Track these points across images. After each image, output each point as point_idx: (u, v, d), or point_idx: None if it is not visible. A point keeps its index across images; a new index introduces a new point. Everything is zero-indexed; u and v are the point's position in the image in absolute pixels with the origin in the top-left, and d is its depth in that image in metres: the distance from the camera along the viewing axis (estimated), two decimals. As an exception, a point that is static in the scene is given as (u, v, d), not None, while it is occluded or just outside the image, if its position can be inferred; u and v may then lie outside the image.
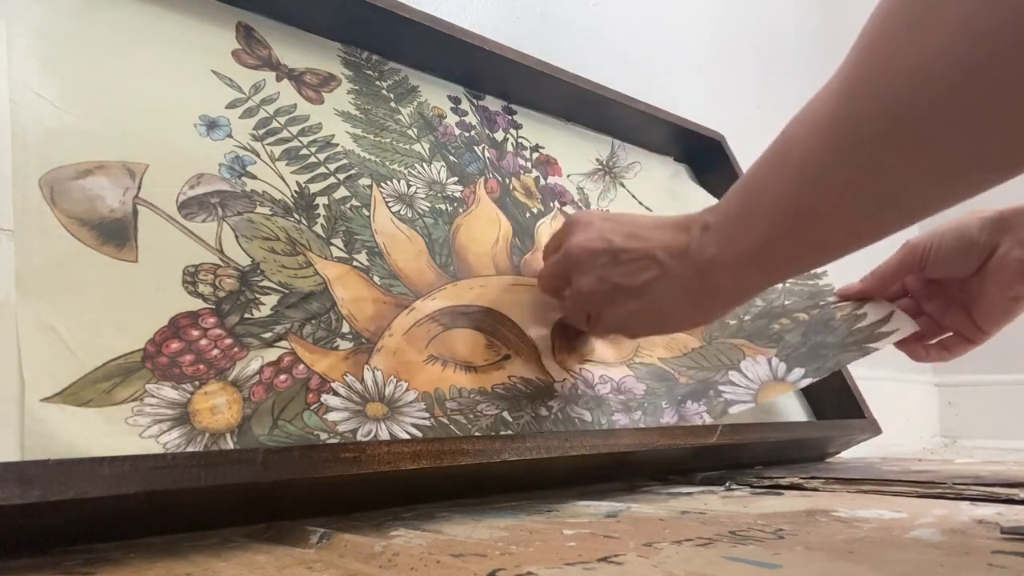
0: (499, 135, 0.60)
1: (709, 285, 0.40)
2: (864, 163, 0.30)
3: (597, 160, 0.68)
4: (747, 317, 0.60)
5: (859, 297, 0.57)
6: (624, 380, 0.54)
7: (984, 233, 0.49)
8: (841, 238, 0.35)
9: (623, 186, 0.69)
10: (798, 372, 0.56)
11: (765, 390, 0.56)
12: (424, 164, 0.53)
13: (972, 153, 0.28)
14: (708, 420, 0.50)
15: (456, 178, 0.54)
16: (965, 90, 0.26)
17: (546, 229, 0.58)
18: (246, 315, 0.38)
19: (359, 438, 0.38)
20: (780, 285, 0.60)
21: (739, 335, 0.59)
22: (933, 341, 0.57)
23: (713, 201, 0.77)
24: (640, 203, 0.69)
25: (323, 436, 0.37)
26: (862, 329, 0.54)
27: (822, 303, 0.58)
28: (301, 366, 0.39)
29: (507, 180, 0.58)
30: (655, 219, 0.44)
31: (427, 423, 0.41)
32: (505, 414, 0.44)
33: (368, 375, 0.41)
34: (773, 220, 0.35)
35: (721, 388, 0.56)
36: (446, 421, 0.42)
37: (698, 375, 0.57)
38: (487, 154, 0.58)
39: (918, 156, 0.29)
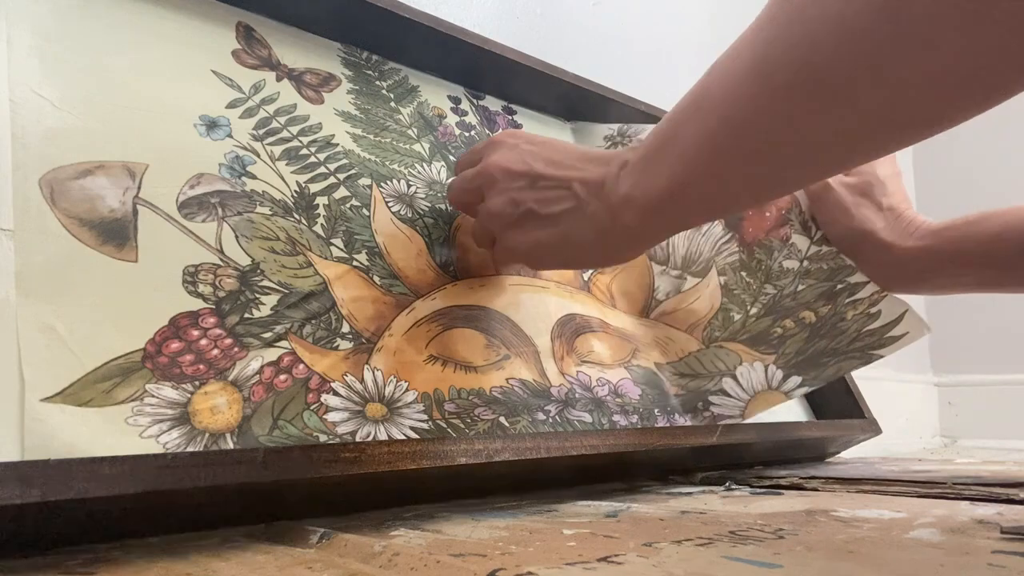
0: (499, 135, 0.60)
1: (619, 224, 0.39)
2: (779, 111, 0.30)
3: (605, 138, 0.67)
4: (753, 310, 0.58)
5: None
6: (621, 383, 0.54)
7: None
8: (754, 187, 0.35)
9: None
10: (794, 380, 0.55)
11: (754, 403, 0.56)
12: (424, 164, 0.53)
13: (888, 103, 0.27)
14: None
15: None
16: (882, 34, 0.25)
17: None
18: (246, 315, 0.38)
19: (357, 440, 0.38)
20: (796, 264, 0.58)
21: (740, 336, 0.58)
22: None
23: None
24: None
25: (322, 438, 0.37)
26: (872, 332, 0.53)
27: (840, 285, 0.56)
28: (301, 366, 0.39)
29: (507, 180, 0.58)
30: (582, 150, 0.43)
31: (425, 427, 0.41)
32: (502, 419, 0.44)
33: (368, 375, 0.41)
34: (686, 162, 0.35)
35: (711, 399, 0.56)
36: (444, 425, 0.42)
37: (691, 384, 0.57)
38: (487, 154, 0.58)
39: (833, 105, 0.28)
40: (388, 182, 0.50)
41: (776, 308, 0.58)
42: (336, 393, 0.39)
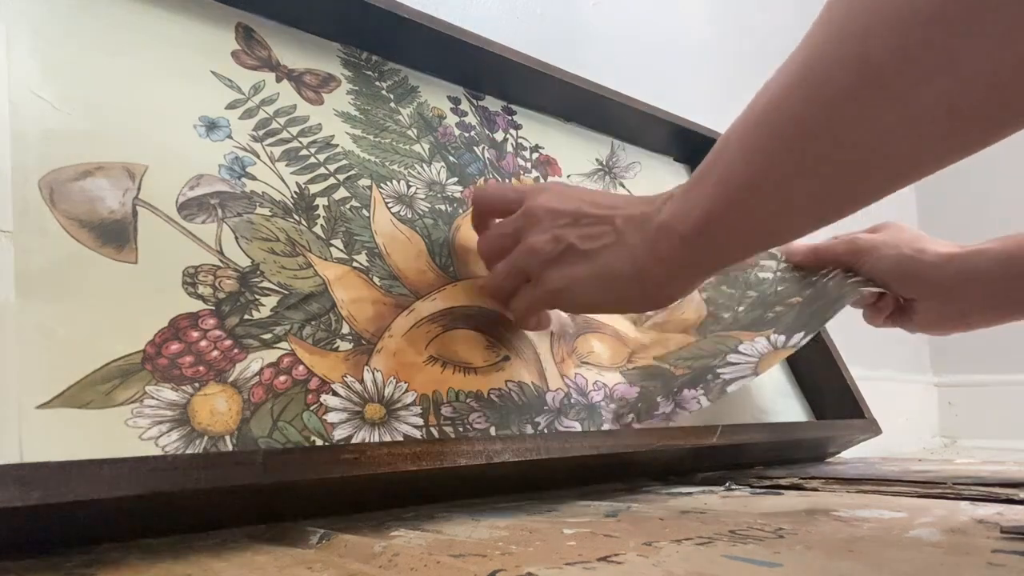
0: (499, 135, 0.60)
1: (658, 257, 0.38)
2: (836, 112, 0.29)
3: (597, 160, 0.68)
4: (740, 308, 0.59)
5: (806, 258, 0.58)
6: (617, 387, 0.54)
7: (926, 269, 0.51)
8: (808, 204, 0.33)
9: (623, 186, 0.69)
10: (798, 336, 0.54)
11: (765, 360, 0.55)
12: (424, 165, 0.53)
13: (950, 104, 0.26)
14: (705, 403, 0.50)
15: (456, 178, 0.54)
16: (954, 20, 0.24)
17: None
18: (246, 316, 0.38)
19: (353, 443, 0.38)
20: (771, 274, 0.59)
21: (734, 328, 0.57)
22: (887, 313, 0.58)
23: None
24: None
25: (319, 442, 0.37)
26: (855, 281, 0.55)
27: (814, 278, 0.57)
28: (301, 367, 0.39)
29: (507, 180, 0.58)
30: (627, 196, 0.44)
31: (418, 434, 0.41)
32: (492, 430, 0.44)
33: (368, 376, 0.41)
34: (728, 182, 0.33)
35: (720, 371, 0.55)
36: (436, 433, 0.42)
37: (695, 364, 0.56)
38: (487, 154, 0.58)
39: (887, 111, 0.27)
40: (388, 183, 0.50)
41: (763, 302, 0.59)
42: (336, 394, 0.39)
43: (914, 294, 0.54)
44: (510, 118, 0.63)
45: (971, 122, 0.27)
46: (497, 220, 0.49)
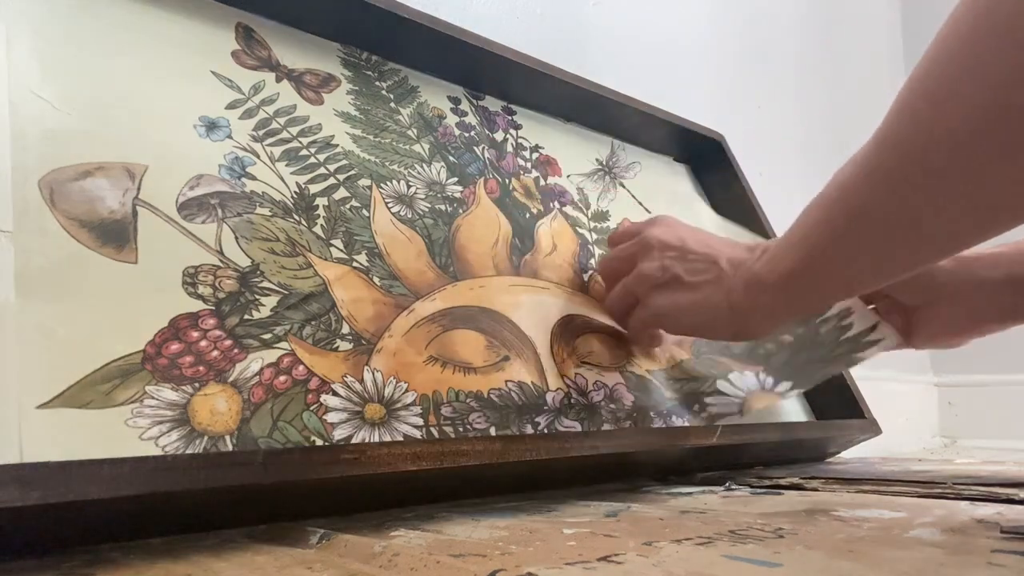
0: (499, 135, 0.60)
1: (749, 299, 0.44)
2: (898, 207, 0.33)
3: (597, 160, 0.68)
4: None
5: None
6: (616, 387, 0.54)
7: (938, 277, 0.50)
8: (874, 271, 0.38)
9: (623, 186, 0.69)
10: (785, 385, 0.57)
11: (752, 400, 0.57)
12: (424, 165, 0.53)
13: (1009, 200, 0.30)
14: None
15: (456, 178, 0.54)
16: (1003, 138, 0.28)
17: (546, 229, 0.58)
18: (246, 316, 0.38)
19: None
20: None
21: (725, 354, 0.59)
22: None
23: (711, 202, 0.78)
24: (640, 203, 0.69)
25: (319, 442, 0.37)
26: (849, 340, 0.54)
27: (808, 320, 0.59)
28: (301, 367, 0.39)
29: (507, 180, 0.58)
30: (730, 241, 0.48)
31: (418, 434, 0.41)
32: (492, 430, 0.44)
33: (368, 376, 0.41)
34: (810, 248, 0.39)
35: (707, 400, 0.56)
36: (436, 433, 0.42)
37: (684, 387, 0.57)
38: (487, 154, 0.58)
39: (950, 204, 0.32)
40: (388, 183, 0.50)
41: None
42: (336, 394, 0.39)
43: (920, 300, 0.51)
44: (510, 118, 0.63)
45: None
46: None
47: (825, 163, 0.58)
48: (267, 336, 0.39)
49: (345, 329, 0.42)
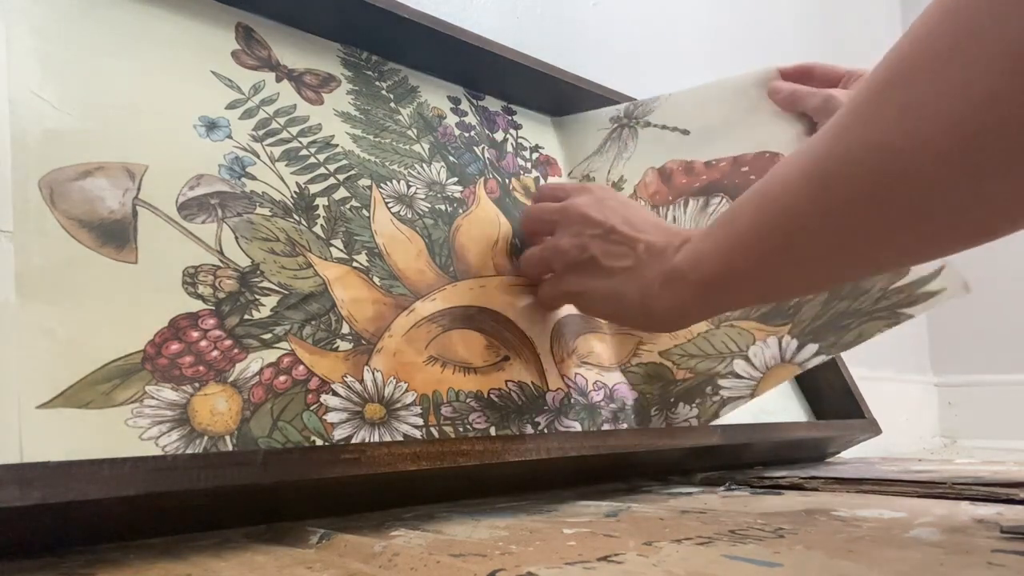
0: (499, 135, 0.60)
1: (665, 293, 0.41)
2: (839, 222, 0.30)
3: (611, 119, 0.65)
4: None
5: (785, 101, 0.55)
6: (617, 387, 0.53)
7: None
8: (802, 283, 0.37)
9: (650, 124, 0.62)
10: (810, 349, 0.52)
11: (765, 381, 0.53)
12: (424, 165, 0.53)
13: (954, 222, 0.28)
14: (695, 425, 0.50)
15: (456, 178, 0.54)
16: (954, 161, 0.25)
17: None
18: (246, 316, 0.38)
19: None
20: None
21: (753, 314, 0.55)
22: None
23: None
24: (675, 129, 0.64)
25: (319, 442, 0.37)
26: (901, 289, 0.48)
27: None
28: (301, 367, 0.39)
29: (507, 180, 0.58)
30: (658, 220, 0.45)
31: (419, 434, 0.41)
32: (492, 430, 0.44)
33: (368, 376, 0.41)
34: (739, 251, 0.36)
35: (721, 383, 0.54)
36: (436, 433, 0.42)
37: (700, 365, 0.55)
38: (487, 154, 0.58)
39: (896, 224, 0.29)
40: (388, 183, 0.50)
41: None
42: (336, 394, 0.39)
43: None
44: (510, 118, 0.63)
45: (962, 242, 0.29)
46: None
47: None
48: (267, 336, 0.39)
49: (345, 329, 0.42)
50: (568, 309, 0.54)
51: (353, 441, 0.38)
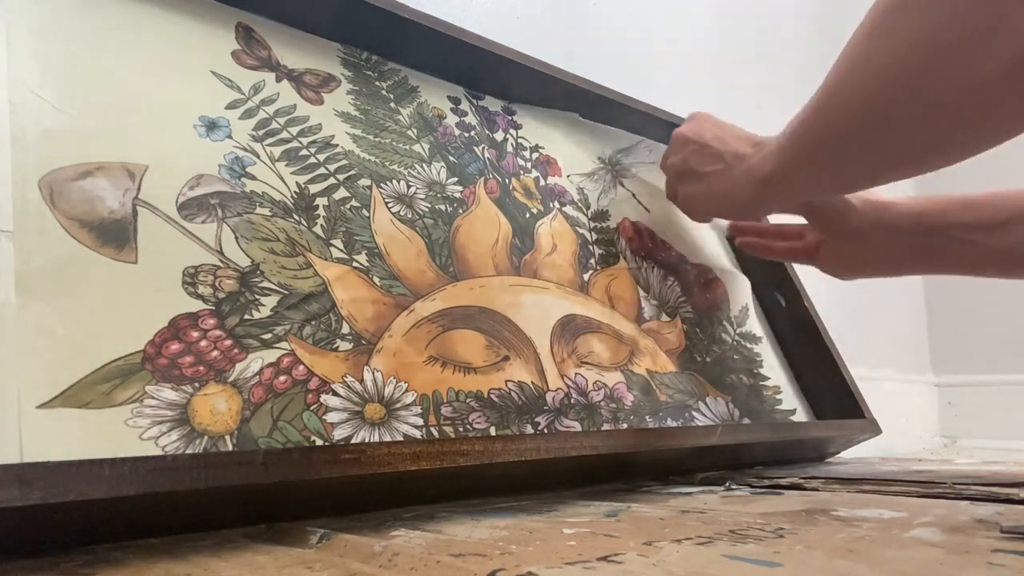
0: (499, 135, 0.60)
1: (744, 188, 0.52)
2: (840, 144, 0.42)
3: (599, 159, 0.68)
4: (708, 359, 0.64)
5: (752, 231, 0.68)
6: (616, 387, 0.54)
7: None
8: (830, 182, 0.48)
9: (623, 185, 0.68)
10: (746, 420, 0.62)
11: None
12: (424, 165, 0.53)
13: (902, 149, 0.40)
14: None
15: (456, 178, 0.54)
16: (881, 109, 0.38)
17: (546, 229, 0.58)
18: (246, 316, 0.38)
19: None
20: (729, 339, 0.68)
21: (703, 374, 0.63)
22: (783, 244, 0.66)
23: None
24: (640, 203, 0.69)
25: (319, 442, 0.37)
26: (782, 412, 0.62)
27: (756, 369, 0.67)
28: (301, 367, 0.39)
29: (507, 180, 0.58)
30: (744, 134, 0.55)
31: (419, 434, 0.41)
32: (492, 430, 0.44)
33: (368, 376, 0.41)
34: (785, 158, 0.47)
35: (694, 414, 0.58)
36: (436, 433, 0.42)
37: (675, 396, 0.59)
38: (487, 154, 0.58)
39: (862, 150, 0.41)
40: (388, 183, 0.50)
41: (724, 362, 0.65)
42: (336, 394, 0.39)
43: (829, 232, 0.58)
44: (510, 118, 0.63)
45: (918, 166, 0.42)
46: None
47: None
48: (267, 336, 0.39)
49: (345, 329, 0.42)
50: (567, 309, 0.55)
51: (353, 441, 0.38)
